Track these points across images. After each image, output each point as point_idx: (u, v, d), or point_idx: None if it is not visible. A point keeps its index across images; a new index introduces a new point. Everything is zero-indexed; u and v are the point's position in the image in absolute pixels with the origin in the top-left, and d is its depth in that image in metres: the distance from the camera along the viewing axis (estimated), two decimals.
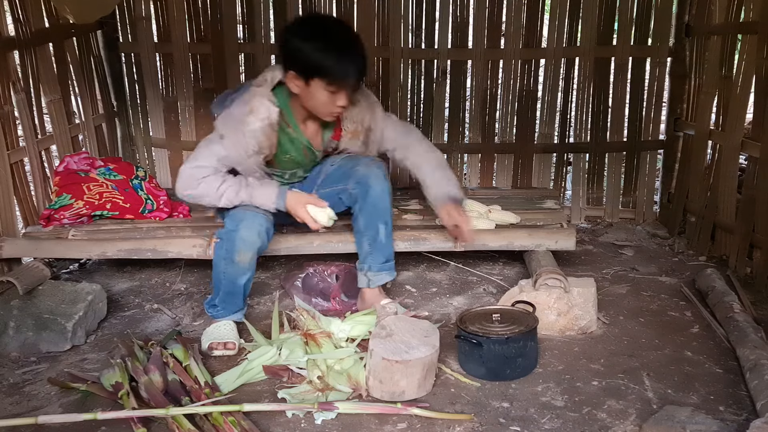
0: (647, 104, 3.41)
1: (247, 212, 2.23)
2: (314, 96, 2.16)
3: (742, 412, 1.87)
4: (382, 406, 1.87)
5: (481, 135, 3.50)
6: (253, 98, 2.20)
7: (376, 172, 2.32)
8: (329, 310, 2.49)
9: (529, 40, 3.35)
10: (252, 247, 2.20)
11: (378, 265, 2.39)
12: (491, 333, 2.05)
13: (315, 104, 2.19)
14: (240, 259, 2.20)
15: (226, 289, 2.26)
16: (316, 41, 2.09)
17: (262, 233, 2.21)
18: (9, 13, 2.68)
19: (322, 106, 2.19)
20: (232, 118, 2.21)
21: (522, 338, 2.05)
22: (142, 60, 3.48)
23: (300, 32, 2.14)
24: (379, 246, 2.38)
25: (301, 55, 2.10)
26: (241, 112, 2.20)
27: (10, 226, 2.64)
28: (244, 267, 2.22)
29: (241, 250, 2.19)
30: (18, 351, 2.23)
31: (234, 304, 2.29)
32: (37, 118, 2.86)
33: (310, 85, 2.13)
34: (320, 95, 2.14)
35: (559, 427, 1.83)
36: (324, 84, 2.11)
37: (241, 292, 2.28)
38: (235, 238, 2.18)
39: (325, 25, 2.18)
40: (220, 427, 1.73)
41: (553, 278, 2.30)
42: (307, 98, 2.19)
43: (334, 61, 2.09)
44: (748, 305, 2.44)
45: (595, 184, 3.54)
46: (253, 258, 2.23)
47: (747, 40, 2.78)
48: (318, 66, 2.09)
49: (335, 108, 2.19)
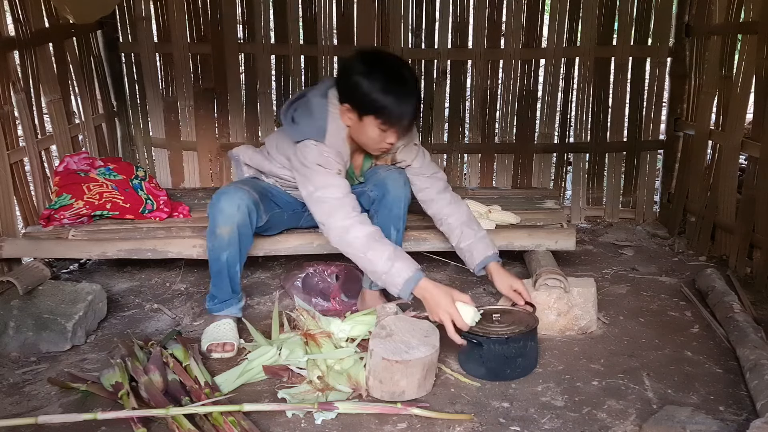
0: (647, 104, 3.42)
1: (230, 187, 2.28)
2: (365, 132, 2.16)
3: (742, 412, 1.87)
4: (382, 406, 1.87)
5: (481, 135, 3.50)
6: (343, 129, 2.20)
7: (396, 177, 2.32)
8: (329, 310, 2.49)
9: (529, 40, 3.35)
10: (230, 219, 2.20)
11: None
12: (491, 333, 2.05)
13: (365, 139, 2.20)
14: (220, 232, 2.21)
15: (213, 269, 2.27)
16: (375, 80, 2.08)
17: (242, 207, 2.20)
18: (9, 13, 2.68)
19: (372, 142, 2.20)
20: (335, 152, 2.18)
21: (522, 338, 2.05)
22: (142, 60, 3.48)
23: (361, 68, 2.12)
24: None
25: (358, 91, 2.10)
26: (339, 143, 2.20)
27: (10, 226, 2.64)
28: (224, 240, 2.21)
29: (220, 222, 2.20)
30: (18, 351, 2.23)
31: (224, 289, 2.28)
32: (37, 118, 2.85)
33: (363, 121, 2.13)
34: (371, 132, 2.15)
35: (559, 427, 1.83)
36: (378, 123, 2.11)
37: (226, 272, 2.26)
38: (215, 210, 2.22)
39: (386, 64, 2.16)
40: (220, 427, 1.73)
41: (553, 278, 2.30)
42: (357, 132, 2.19)
43: (391, 103, 2.08)
44: (748, 305, 2.44)
45: (595, 184, 3.54)
46: (233, 232, 2.20)
47: (747, 40, 2.78)
48: (374, 105, 2.09)
49: (384, 145, 2.20)
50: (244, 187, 2.29)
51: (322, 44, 3.37)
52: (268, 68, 3.48)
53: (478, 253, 2.31)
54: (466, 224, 2.35)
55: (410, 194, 2.37)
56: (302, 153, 2.18)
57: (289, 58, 3.42)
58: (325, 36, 3.36)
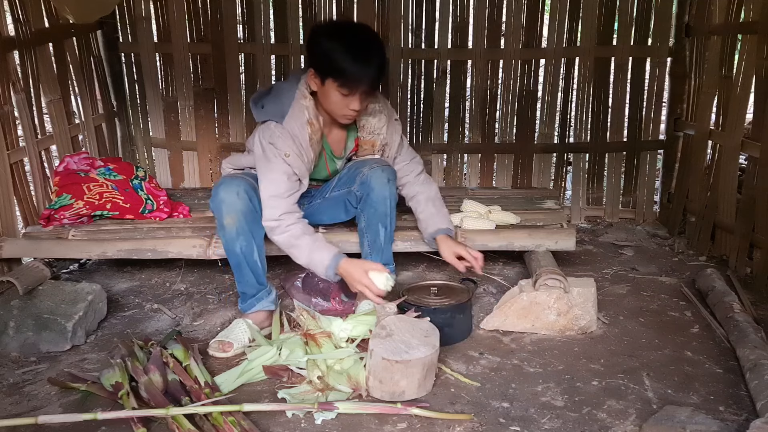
0: (647, 104, 3.41)
1: (225, 178, 2.31)
2: (328, 97, 2.18)
3: (742, 412, 1.87)
4: (382, 406, 1.87)
5: (481, 135, 3.50)
6: (304, 111, 2.23)
7: (380, 175, 2.31)
8: (329, 310, 2.49)
9: (529, 40, 3.35)
10: (233, 207, 2.21)
11: None
12: (422, 303, 2.26)
13: (329, 105, 2.22)
14: (227, 222, 2.23)
15: (233, 263, 2.29)
16: (336, 42, 2.11)
17: (241, 193, 2.21)
18: (9, 13, 2.68)
19: (336, 107, 2.21)
20: (289, 135, 2.22)
21: (450, 310, 2.25)
22: (142, 60, 3.48)
23: (325, 32, 2.18)
24: (378, 248, 2.39)
25: (320, 54, 2.14)
26: (297, 126, 2.23)
27: (10, 226, 2.64)
28: (233, 231, 2.23)
29: (223, 212, 2.23)
30: (18, 351, 2.23)
31: (249, 283, 2.29)
32: (37, 118, 2.85)
33: (325, 85, 2.16)
34: (333, 96, 2.17)
35: (559, 427, 1.83)
36: (336, 85, 2.13)
37: (245, 263, 2.27)
38: (216, 202, 2.24)
39: (350, 29, 2.20)
40: (220, 427, 1.73)
41: (553, 278, 2.30)
42: (323, 98, 2.22)
43: (349, 65, 2.10)
44: (748, 305, 2.44)
45: (595, 184, 3.54)
46: (240, 221, 2.22)
47: (747, 40, 2.78)
48: (332, 67, 2.12)
49: (348, 111, 2.21)
50: (238, 175, 2.34)
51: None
52: (268, 68, 3.48)
53: (433, 224, 2.44)
54: (432, 200, 2.48)
55: (396, 191, 2.37)
56: (261, 134, 2.25)
57: (289, 58, 3.42)
58: None
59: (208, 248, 2.54)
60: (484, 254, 2.37)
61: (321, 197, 2.51)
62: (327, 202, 2.49)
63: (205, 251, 2.54)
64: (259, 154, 2.26)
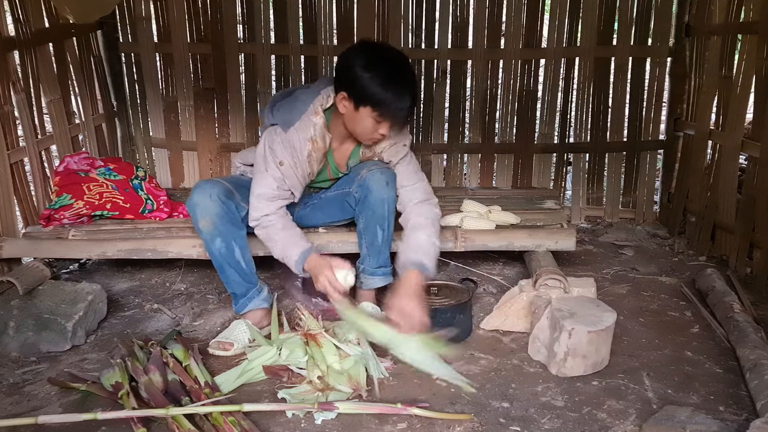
0: (647, 104, 3.41)
1: (201, 182, 2.33)
2: (360, 122, 2.19)
3: (742, 412, 1.87)
4: (382, 406, 1.87)
5: (481, 135, 3.50)
6: (311, 128, 2.24)
7: (379, 177, 2.30)
8: (329, 310, 2.48)
9: (529, 40, 3.35)
10: (206, 210, 2.23)
11: (372, 269, 2.42)
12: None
13: (358, 129, 2.22)
14: (202, 226, 2.25)
15: (216, 266, 2.32)
16: (376, 73, 2.10)
17: (213, 196, 2.23)
18: (9, 13, 2.68)
19: (365, 132, 2.22)
20: (289, 146, 2.25)
21: (450, 310, 2.26)
22: (142, 60, 3.48)
23: (362, 59, 2.14)
24: (375, 250, 2.39)
25: (358, 82, 2.12)
26: (299, 139, 2.25)
27: (10, 226, 2.64)
28: (208, 234, 2.25)
29: (198, 216, 2.25)
30: (18, 351, 2.23)
31: (236, 282, 2.31)
32: (37, 118, 2.85)
33: (359, 111, 2.16)
34: (366, 122, 2.17)
35: (559, 427, 1.83)
36: (374, 115, 2.14)
37: (227, 264, 2.29)
38: (190, 205, 2.27)
39: (387, 57, 2.18)
40: (220, 427, 1.73)
41: (553, 278, 2.30)
42: (351, 121, 2.22)
43: (390, 97, 2.11)
44: (748, 305, 2.44)
45: (595, 184, 3.54)
46: (215, 223, 2.24)
47: (747, 40, 2.78)
48: (372, 97, 2.12)
49: (376, 135, 2.23)
50: (216, 179, 2.37)
51: (322, 44, 3.37)
52: (268, 68, 3.48)
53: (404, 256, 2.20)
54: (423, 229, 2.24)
55: (395, 194, 2.33)
56: (265, 137, 2.29)
57: (289, 58, 3.42)
58: (325, 36, 3.36)
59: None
60: (483, 253, 2.36)
61: (318, 197, 2.52)
62: (324, 201, 2.50)
63: (205, 251, 2.53)
64: (259, 154, 2.29)
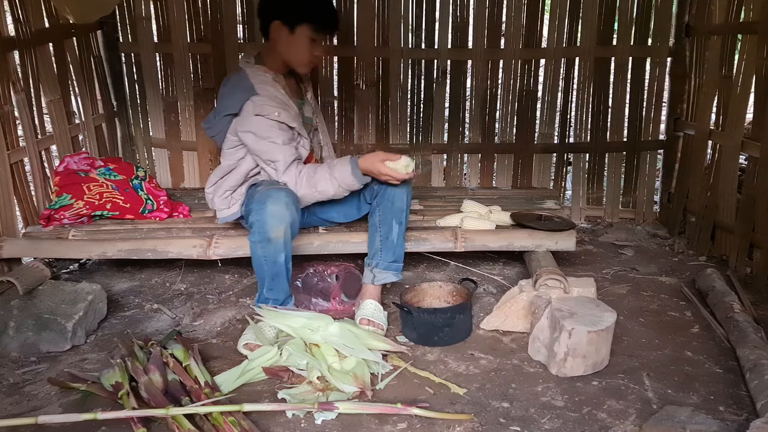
0: (647, 104, 3.41)
1: (271, 190, 2.23)
2: (296, 45, 2.34)
3: (742, 412, 1.87)
4: (382, 406, 1.87)
5: (481, 135, 3.50)
6: (262, 72, 2.36)
7: None
8: (329, 310, 2.49)
9: (529, 40, 3.35)
10: (282, 220, 2.18)
11: (386, 263, 2.41)
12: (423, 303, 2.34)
13: (295, 52, 2.37)
14: (275, 235, 2.18)
15: (270, 272, 2.24)
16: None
17: (289, 204, 2.19)
18: (9, 13, 2.68)
19: (301, 54, 2.37)
20: (267, 97, 2.30)
21: (450, 311, 2.27)
22: (142, 60, 3.48)
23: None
24: (390, 245, 2.39)
25: (292, 4, 2.30)
26: (268, 85, 2.33)
27: (10, 226, 2.64)
28: (280, 243, 2.19)
29: (273, 225, 2.17)
30: (18, 351, 2.23)
31: (281, 289, 2.27)
32: (37, 118, 2.85)
33: (295, 32, 2.32)
34: (302, 44, 2.34)
35: (559, 427, 1.83)
36: (310, 31, 2.32)
37: (284, 272, 2.25)
38: (265, 215, 2.17)
39: None
40: (220, 427, 1.73)
41: (553, 278, 2.30)
42: (288, 46, 2.36)
43: (323, 11, 2.35)
44: (748, 305, 2.44)
45: (595, 184, 3.54)
46: (287, 232, 2.19)
47: (747, 40, 2.78)
48: (308, 14, 2.31)
49: (312, 57, 2.40)
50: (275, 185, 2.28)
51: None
52: None
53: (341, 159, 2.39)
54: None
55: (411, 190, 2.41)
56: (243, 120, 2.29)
57: None
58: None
59: (208, 248, 2.54)
60: (483, 253, 2.38)
61: None
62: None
63: (205, 251, 2.54)
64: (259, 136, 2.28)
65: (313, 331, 2.10)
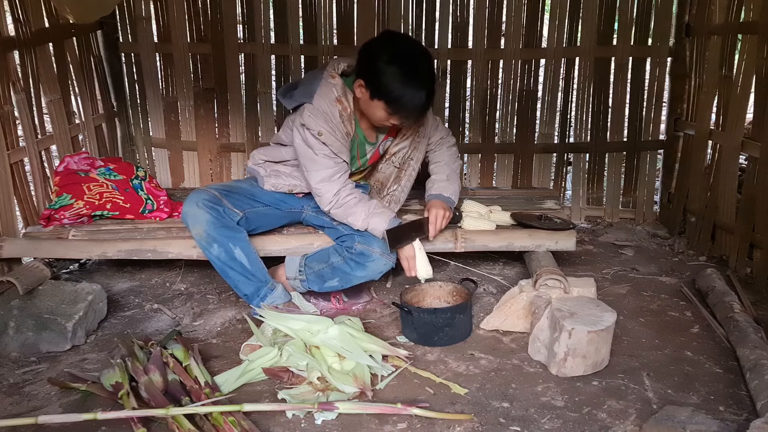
0: (647, 104, 3.41)
1: (192, 192, 2.39)
2: (372, 110, 2.27)
3: (742, 412, 1.87)
4: (382, 406, 1.87)
5: (481, 135, 3.50)
6: (332, 89, 2.31)
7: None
8: (329, 309, 2.49)
9: (529, 40, 3.35)
10: (196, 219, 2.30)
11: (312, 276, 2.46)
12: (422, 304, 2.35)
13: (370, 115, 2.31)
14: (195, 233, 2.33)
15: (218, 271, 2.37)
16: (394, 70, 2.15)
17: (200, 203, 2.30)
18: (9, 13, 2.68)
19: (376, 119, 2.31)
20: (320, 113, 2.29)
21: (450, 311, 2.26)
22: (142, 60, 3.48)
23: (386, 53, 2.18)
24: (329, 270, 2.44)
25: (377, 75, 2.18)
26: (326, 103, 2.30)
27: (10, 226, 2.64)
28: (203, 240, 2.32)
29: (190, 226, 2.34)
30: (18, 351, 2.23)
31: (245, 284, 2.35)
32: (37, 118, 2.85)
33: (373, 101, 2.24)
34: (378, 113, 2.26)
35: (559, 427, 1.83)
36: (387, 108, 2.22)
37: (230, 267, 2.32)
38: (183, 216, 2.37)
39: (409, 54, 2.20)
40: (220, 427, 1.73)
41: (553, 278, 2.30)
42: (365, 106, 2.30)
43: (404, 96, 2.17)
44: (748, 305, 2.44)
45: (595, 184, 3.54)
46: (207, 230, 2.29)
47: (747, 40, 2.78)
48: (388, 94, 2.18)
49: (387, 123, 2.32)
50: (206, 187, 2.44)
51: (322, 44, 3.37)
52: (268, 68, 3.48)
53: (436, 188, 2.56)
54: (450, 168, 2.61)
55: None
56: (295, 126, 2.35)
57: (289, 58, 3.42)
58: (325, 36, 3.36)
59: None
60: (483, 253, 2.38)
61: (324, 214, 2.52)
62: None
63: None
64: (299, 146, 2.33)
65: (313, 334, 2.10)
